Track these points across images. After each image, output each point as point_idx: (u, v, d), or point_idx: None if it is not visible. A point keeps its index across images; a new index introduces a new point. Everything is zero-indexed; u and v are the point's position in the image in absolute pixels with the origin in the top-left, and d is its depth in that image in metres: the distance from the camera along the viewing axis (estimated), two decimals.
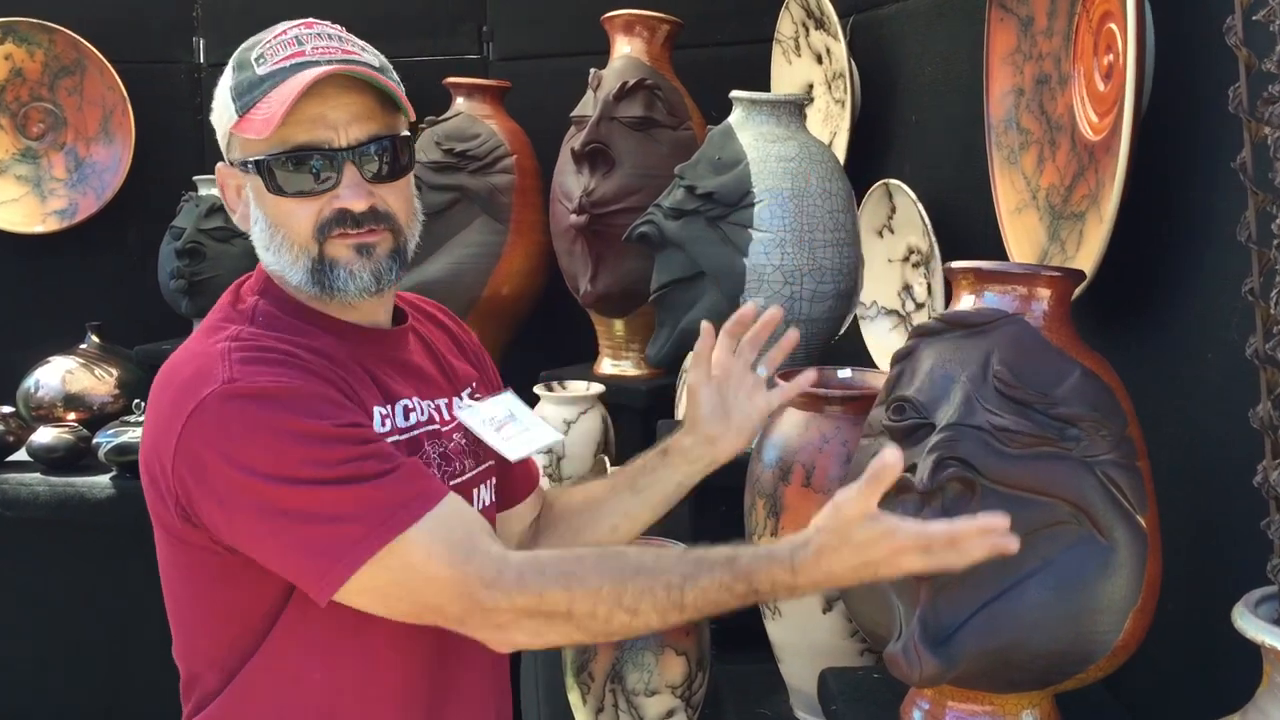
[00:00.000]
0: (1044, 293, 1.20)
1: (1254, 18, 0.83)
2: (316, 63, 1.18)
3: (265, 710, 1.22)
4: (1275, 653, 0.84)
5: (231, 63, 1.23)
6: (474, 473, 1.32)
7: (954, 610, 1.12)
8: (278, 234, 1.22)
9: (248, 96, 1.19)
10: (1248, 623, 0.86)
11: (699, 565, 1.09)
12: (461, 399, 1.34)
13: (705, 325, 1.38)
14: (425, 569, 1.09)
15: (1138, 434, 1.17)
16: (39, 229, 3.60)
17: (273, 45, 1.20)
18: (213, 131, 1.28)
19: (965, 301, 1.24)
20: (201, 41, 3.68)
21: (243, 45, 1.24)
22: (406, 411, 1.25)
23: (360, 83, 1.20)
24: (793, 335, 1.44)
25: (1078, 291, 1.38)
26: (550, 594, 1.09)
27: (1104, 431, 1.13)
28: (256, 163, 1.20)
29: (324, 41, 1.21)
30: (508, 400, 1.39)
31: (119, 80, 3.54)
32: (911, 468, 1.13)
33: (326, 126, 1.18)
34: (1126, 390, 1.20)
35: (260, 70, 1.19)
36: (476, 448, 1.33)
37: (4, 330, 3.59)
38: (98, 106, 3.61)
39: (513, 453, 1.32)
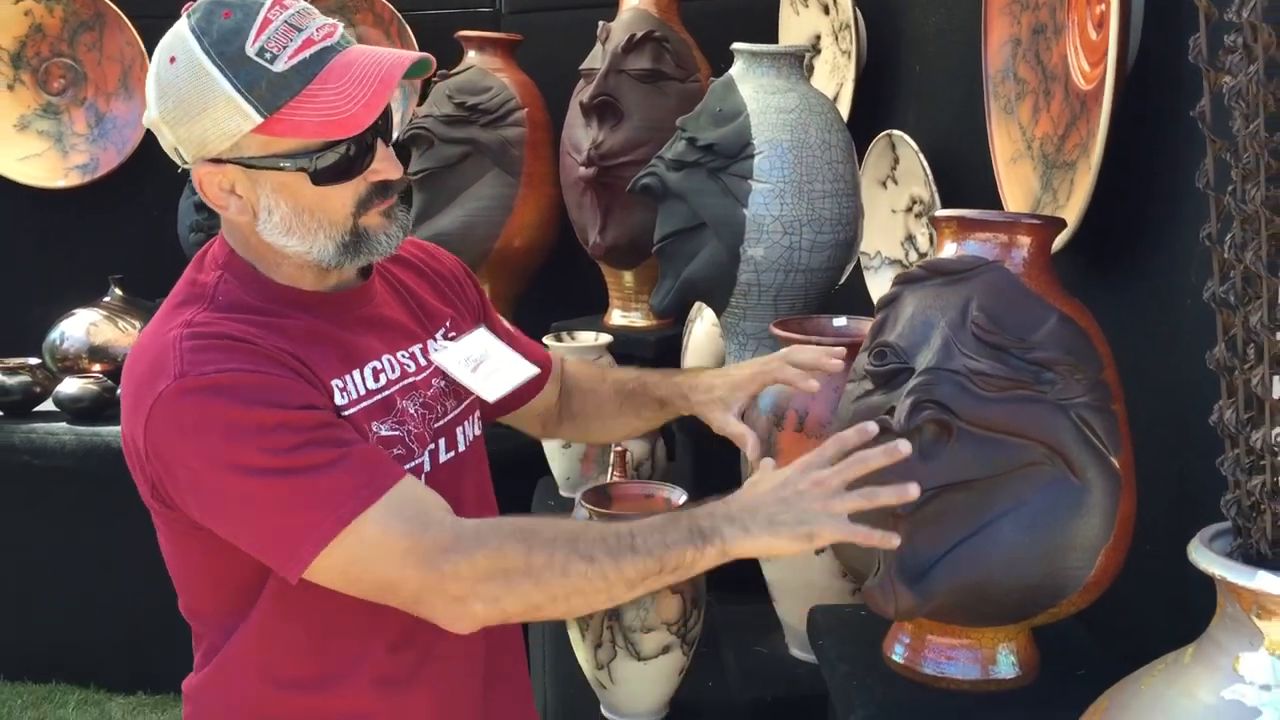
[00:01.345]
0: (1024, 240, 1.23)
1: None
2: (333, 48, 1.15)
3: (261, 665, 1.26)
4: (1227, 584, 0.87)
5: (209, 61, 1.12)
6: (455, 413, 1.34)
7: (930, 547, 1.16)
8: (309, 220, 1.19)
9: (273, 96, 1.12)
10: (1201, 555, 0.89)
11: (642, 519, 1.17)
12: (436, 340, 1.35)
13: (755, 452, 1.42)
14: (383, 544, 1.12)
15: (1114, 378, 1.20)
16: (61, 184, 3.66)
17: (272, 36, 1.12)
18: None
19: (948, 249, 1.27)
20: None
21: (210, 39, 1.12)
22: (375, 373, 1.25)
23: None
24: (812, 385, 1.45)
25: (1064, 240, 1.40)
26: (508, 547, 1.13)
27: (1079, 375, 1.17)
28: (297, 157, 1.15)
29: (314, 19, 1.16)
30: (481, 338, 1.40)
31: (137, 35, 3.57)
32: (890, 409, 1.17)
33: None
34: (1107, 336, 1.22)
35: (277, 67, 1.12)
36: (457, 386, 1.34)
37: (29, 284, 3.67)
38: (117, 62, 3.65)
39: (490, 393, 1.34)
